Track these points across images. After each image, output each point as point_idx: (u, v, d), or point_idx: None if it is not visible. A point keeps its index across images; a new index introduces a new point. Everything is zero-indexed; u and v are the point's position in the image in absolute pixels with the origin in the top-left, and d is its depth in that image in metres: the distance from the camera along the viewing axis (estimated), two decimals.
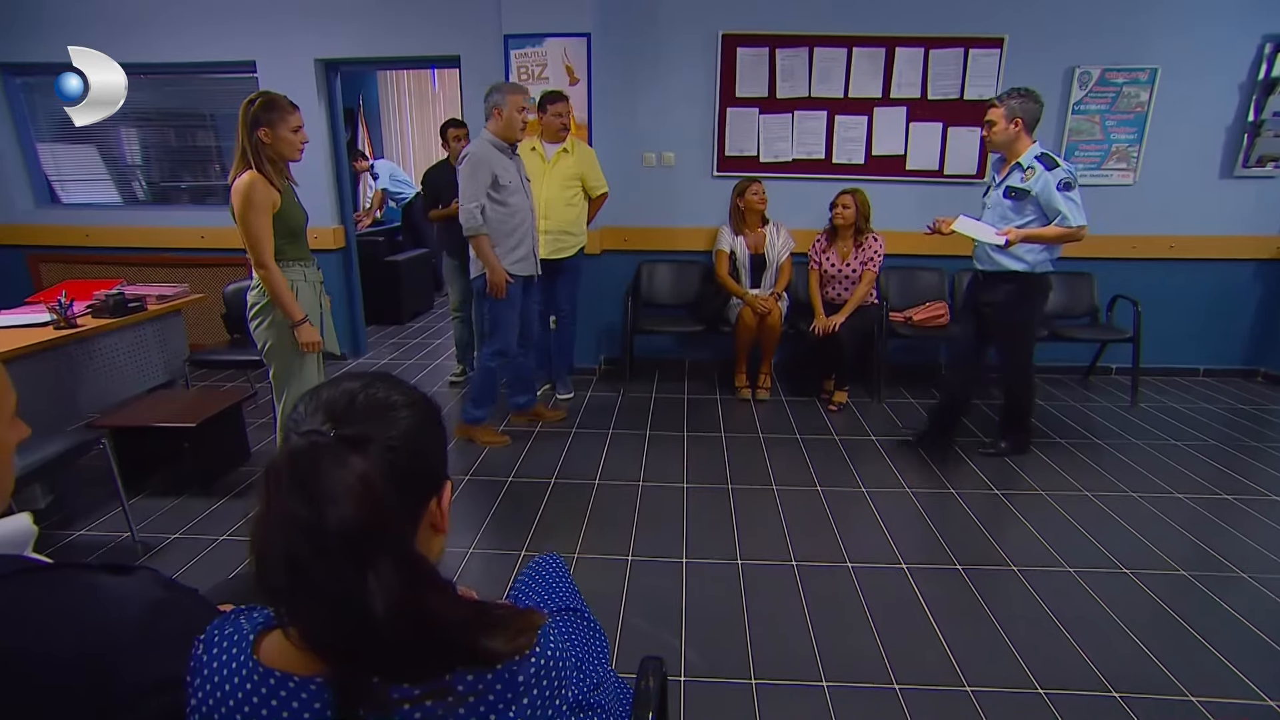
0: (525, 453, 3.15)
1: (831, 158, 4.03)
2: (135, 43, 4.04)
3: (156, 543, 2.39)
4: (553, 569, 1.20)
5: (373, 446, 0.61)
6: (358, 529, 0.57)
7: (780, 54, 3.88)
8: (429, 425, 0.68)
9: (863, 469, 2.97)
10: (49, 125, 4.49)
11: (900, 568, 2.24)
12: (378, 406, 0.65)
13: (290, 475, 0.58)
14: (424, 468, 0.67)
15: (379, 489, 0.59)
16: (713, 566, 2.25)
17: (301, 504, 0.56)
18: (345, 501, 0.57)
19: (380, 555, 0.58)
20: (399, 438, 0.63)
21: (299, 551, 0.56)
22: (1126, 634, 1.92)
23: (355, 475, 0.58)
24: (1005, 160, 2.81)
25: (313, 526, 0.56)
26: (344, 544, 0.56)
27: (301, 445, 0.60)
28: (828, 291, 3.83)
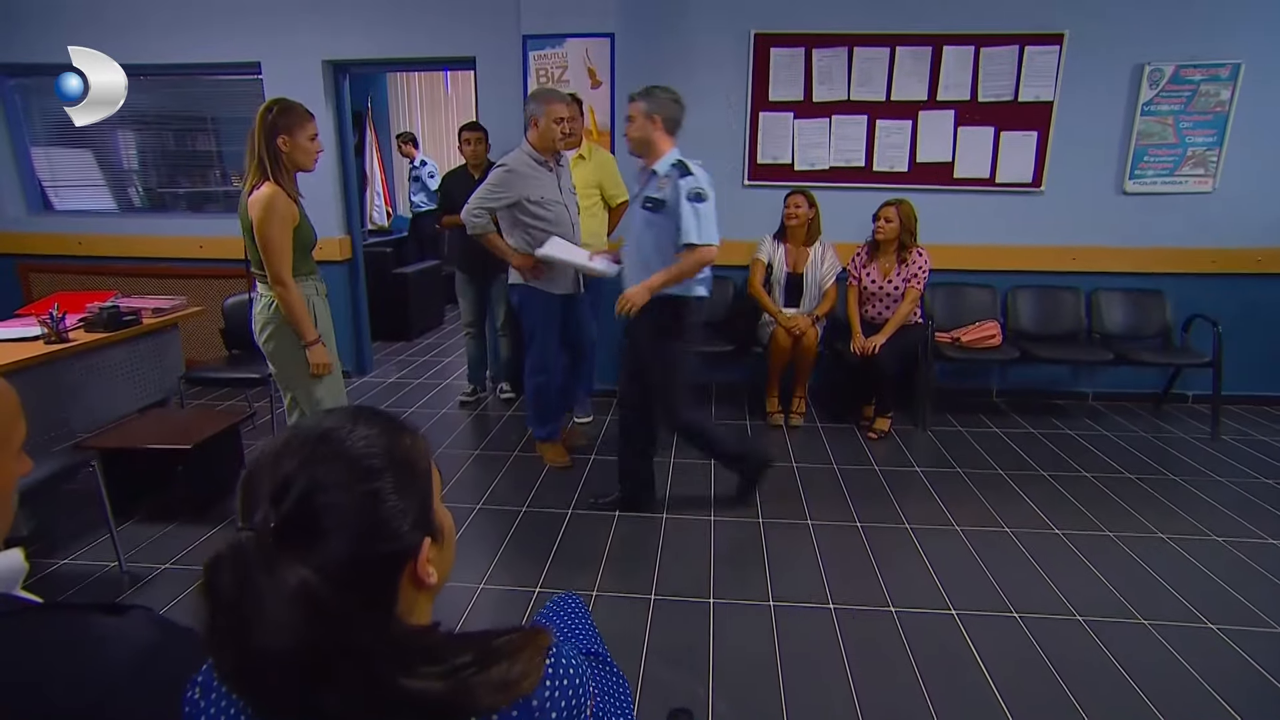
0: (540, 481, 3.16)
1: (872, 165, 4.04)
2: (133, 42, 4.18)
3: (145, 574, 2.42)
4: (571, 610, 1.20)
5: (321, 546, 0.56)
6: (300, 654, 0.54)
7: (817, 54, 3.91)
8: (402, 482, 0.63)
9: (907, 504, 2.94)
10: (44, 128, 4.65)
11: (949, 614, 2.19)
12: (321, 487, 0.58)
13: (227, 586, 0.55)
14: (391, 545, 0.61)
15: (331, 599, 0.55)
16: (742, 608, 2.23)
17: (237, 623, 0.54)
18: (283, 625, 0.53)
19: (340, 662, 0.55)
20: (350, 519, 0.58)
21: (246, 665, 0.54)
22: (1215, 699, 1.86)
23: (296, 589, 0.54)
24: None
25: (253, 650, 0.54)
26: (287, 666, 0.54)
27: (238, 547, 0.56)
28: (867, 310, 3.81)
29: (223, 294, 4.00)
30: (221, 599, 0.54)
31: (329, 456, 0.60)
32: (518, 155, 2.96)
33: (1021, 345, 3.87)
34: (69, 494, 2.62)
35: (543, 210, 2.99)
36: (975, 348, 3.81)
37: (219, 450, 2.92)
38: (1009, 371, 4.30)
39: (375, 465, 0.61)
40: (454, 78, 7.64)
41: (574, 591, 1.26)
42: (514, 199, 2.93)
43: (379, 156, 7.20)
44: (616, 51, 3.74)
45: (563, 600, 1.22)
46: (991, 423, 3.90)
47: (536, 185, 2.96)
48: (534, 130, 2.93)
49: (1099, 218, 4.01)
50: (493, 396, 4.32)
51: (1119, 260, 4.05)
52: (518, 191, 2.93)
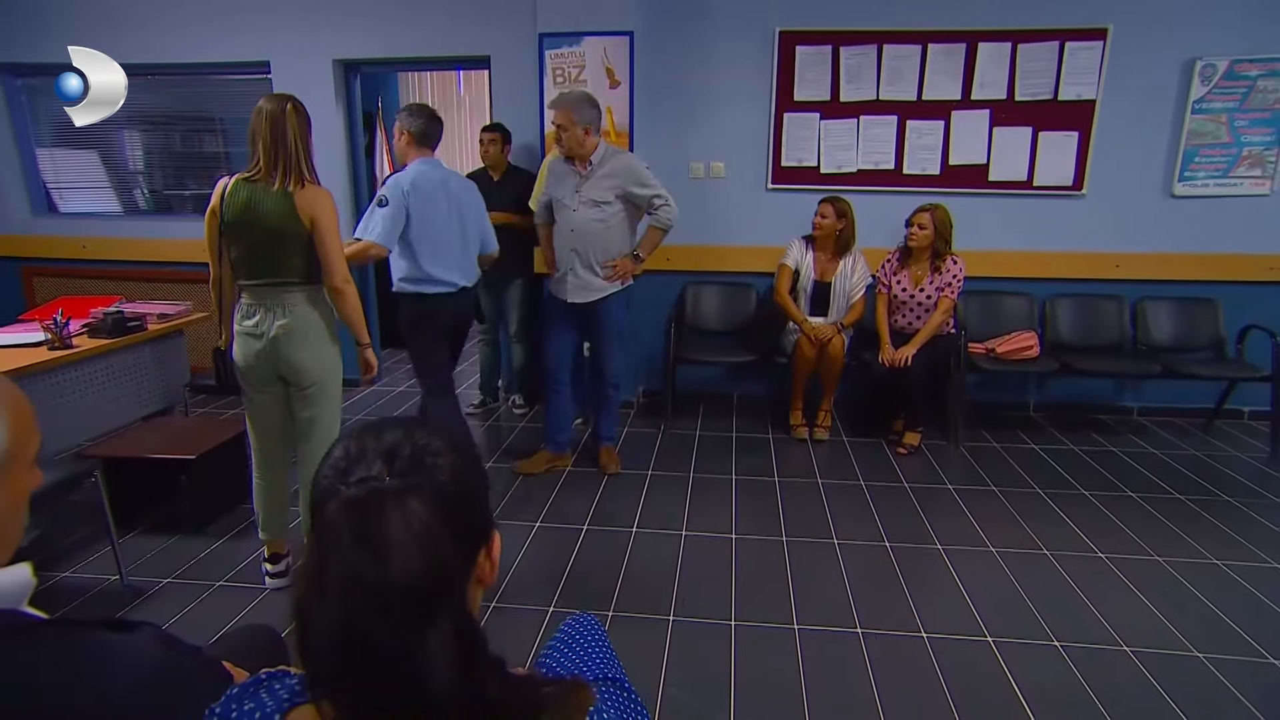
0: (554, 496, 3.16)
1: (902, 168, 4.03)
2: (140, 41, 4.29)
3: (147, 587, 2.45)
4: (589, 631, 1.19)
5: (430, 493, 0.62)
6: (425, 584, 0.58)
7: (845, 52, 3.91)
8: (474, 472, 0.70)
9: (938, 523, 2.91)
10: (50, 129, 4.76)
11: (985, 641, 2.17)
12: (425, 452, 0.66)
13: (351, 527, 0.59)
14: (476, 516, 0.68)
15: (442, 539, 0.61)
16: (765, 631, 2.22)
17: (366, 558, 0.58)
18: (413, 553, 0.58)
19: (443, 617, 0.59)
20: (450, 484, 0.65)
21: (358, 612, 0.57)
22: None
23: (420, 523, 0.60)
24: None
25: (377, 583, 0.57)
26: (410, 601, 0.57)
27: (360, 494, 0.61)
28: (897, 319, 3.79)
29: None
30: (355, 535, 0.59)
31: (427, 431, 0.69)
32: (555, 158, 3.26)
33: (1061, 357, 3.83)
34: (69, 504, 2.67)
35: (555, 210, 3.23)
36: (1011, 359, 3.78)
37: (222, 461, 2.95)
38: (1047, 384, 4.25)
39: (460, 445, 0.70)
40: (467, 78, 7.72)
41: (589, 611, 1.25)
42: (550, 196, 3.26)
43: (389, 159, 7.27)
44: (636, 50, 3.76)
45: (579, 620, 1.22)
46: (1028, 438, 3.85)
47: (558, 185, 3.19)
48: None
49: (1145, 222, 3.97)
50: (505, 408, 4.33)
51: (1167, 267, 3.99)
52: (549, 188, 3.26)
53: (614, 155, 3.14)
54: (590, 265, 3.16)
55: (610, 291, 3.21)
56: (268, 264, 2.22)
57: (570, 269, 3.18)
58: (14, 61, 4.50)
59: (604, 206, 3.10)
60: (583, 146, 3.05)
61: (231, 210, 2.18)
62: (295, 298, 2.26)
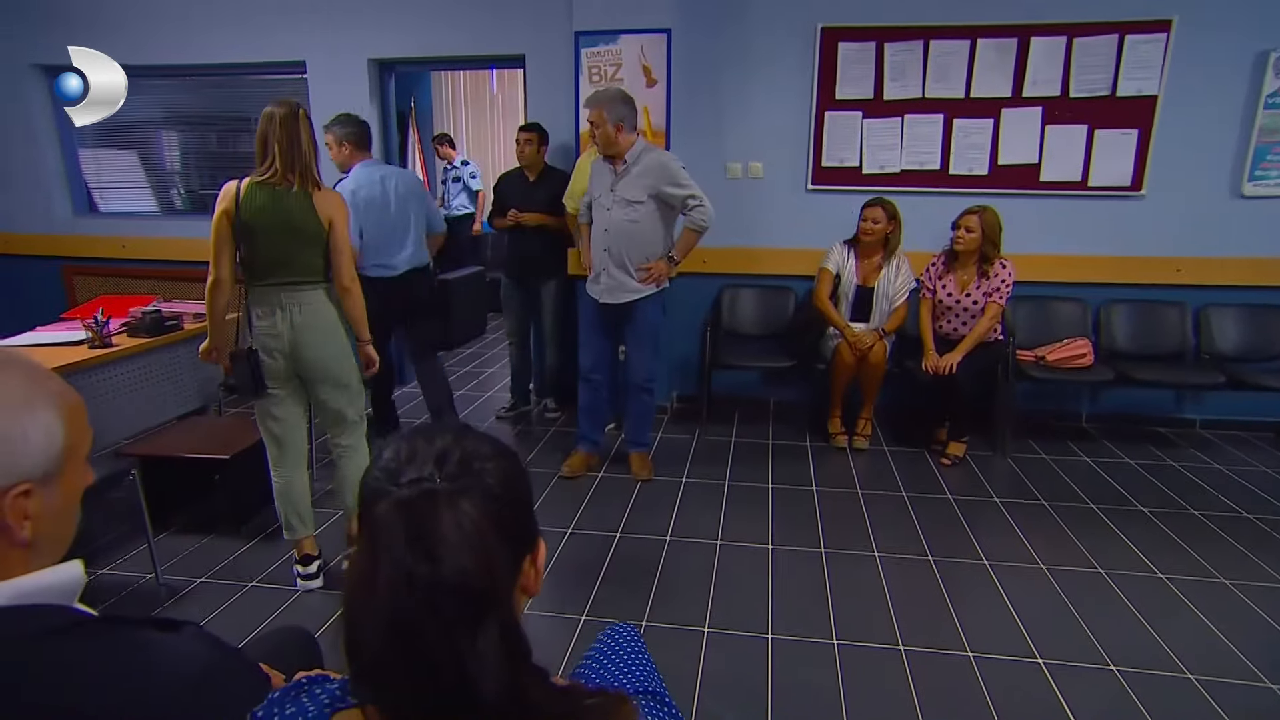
0: (586, 502, 3.18)
1: (948, 168, 3.97)
2: (179, 42, 4.44)
3: (182, 586, 2.52)
4: (628, 642, 1.19)
5: (479, 497, 0.64)
6: (475, 585, 0.60)
7: (889, 48, 3.88)
8: (521, 478, 0.71)
9: (984, 537, 2.86)
10: (92, 130, 4.91)
11: (1035, 663, 2.12)
12: (474, 457, 0.68)
13: (404, 527, 0.61)
14: (523, 522, 0.70)
15: (491, 542, 0.62)
16: (803, 646, 2.20)
17: (418, 558, 0.59)
18: (464, 553, 0.60)
19: (491, 620, 0.60)
20: (497, 488, 0.66)
21: (408, 611, 0.58)
22: None
23: (472, 523, 0.61)
24: None
25: (429, 582, 0.58)
26: (460, 602, 0.59)
27: (412, 495, 0.63)
28: (941, 325, 3.74)
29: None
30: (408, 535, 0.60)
31: (476, 437, 0.71)
32: (595, 153, 3.31)
33: (1116, 365, 3.74)
34: (106, 502, 2.75)
35: (594, 211, 3.27)
36: (1063, 367, 3.70)
37: (255, 462, 3.00)
38: (1101, 394, 4.15)
39: (506, 450, 0.72)
40: (500, 77, 7.81)
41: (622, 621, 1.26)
42: (590, 194, 3.33)
43: (421, 158, 7.39)
44: (673, 48, 3.77)
45: (619, 631, 1.22)
46: (1081, 450, 3.77)
47: (595, 184, 3.26)
48: None
49: (1210, 224, 3.85)
50: (536, 411, 4.36)
51: (1234, 272, 3.87)
52: (590, 187, 3.33)
53: (648, 154, 3.15)
54: (624, 265, 3.17)
55: (645, 294, 3.22)
56: (288, 264, 2.31)
57: (604, 269, 3.20)
58: (60, 64, 4.65)
59: (637, 206, 3.11)
60: (615, 144, 3.06)
61: (250, 212, 2.24)
62: (312, 295, 2.36)
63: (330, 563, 2.63)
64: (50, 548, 0.76)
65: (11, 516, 0.69)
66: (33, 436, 0.70)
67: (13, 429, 0.69)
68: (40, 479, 0.71)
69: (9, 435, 0.68)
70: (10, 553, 0.70)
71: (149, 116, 4.95)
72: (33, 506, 0.70)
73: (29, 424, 0.70)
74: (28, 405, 0.71)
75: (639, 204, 3.11)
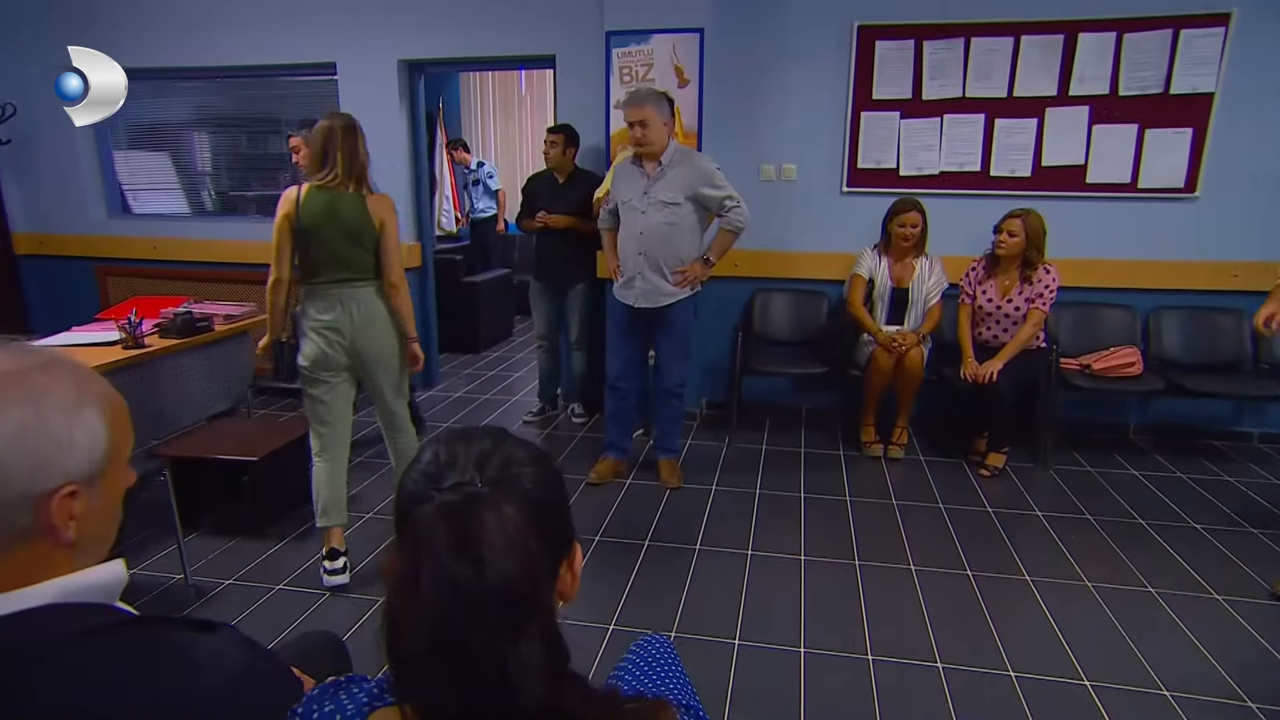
0: (615, 508, 3.18)
1: (989, 169, 3.92)
2: (210, 44, 4.53)
3: (210, 588, 2.57)
4: (660, 654, 1.19)
5: (520, 500, 0.65)
6: (519, 589, 0.60)
7: (929, 47, 3.84)
8: (557, 482, 0.73)
9: (1026, 552, 2.81)
10: (126, 132, 5.06)
11: (1081, 684, 2.07)
12: (512, 461, 0.69)
13: (447, 531, 0.61)
14: (561, 526, 0.71)
15: (533, 544, 0.63)
16: (837, 661, 2.18)
17: (462, 562, 0.60)
18: (508, 558, 0.61)
19: (533, 625, 0.60)
20: (535, 492, 0.67)
21: (451, 616, 0.59)
22: None
23: (515, 527, 0.62)
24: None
25: (472, 586, 0.59)
26: (504, 606, 0.60)
27: (456, 499, 0.64)
28: (981, 332, 3.68)
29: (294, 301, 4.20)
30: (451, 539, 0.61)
31: (513, 442, 0.72)
32: (622, 159, 3.34)
33: (1167, 375, 3.65)
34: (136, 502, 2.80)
35: (623, 214, 3.25)
36: (1109, 376, 3.62)
37: (284, 464, 3.07)
38: (1150, 405, 4.05)
39: (543, 454, 0.73)
40: (529, 77, 7.87)
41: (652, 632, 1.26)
42: (614, 199, 3.31)
43: (449, 160, 7.47)
44: (706, 48, 3.77)
45: (652, 641, 1.22)
46: (1128, 463, 3.68)
47: (624, 187, 3.23)
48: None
49: (1272, 226, 3.74)
50: (564, 416, 4.38)
51: None
52: (615, 193, 3.30)
53: (685, 155, 3.17)
54: (659, 269, 3.17)
55: (680, 297, 3.22)
56: (345, 262, 2.49)
57: (639, 273, 3.20)
58: None
59: (674, 208, 3.11)
60: (663, 143, 3.08)
61: (309, 214, 2.43)
62: (367, 292, 2.54)
63: (358, 566, 2.67)
64: (93, 548, 0.77)
65: (58, 517, 0.70)
66: (79, 438, 0.72)
67: (60, 430, 0.70)
68: (85, 480, 0.73)
69: (57, 436, 0.70)
70: (56, 553, 0.72)
71: (181, 118, 5.07)
72: (78, 507, 0.72)
73: (76, 425, 0.72)
74: (75, 406, 0.72)
75: (676, 206, 3.11)
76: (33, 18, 4.68)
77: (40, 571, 0.70)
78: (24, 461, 0.68)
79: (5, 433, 0.67)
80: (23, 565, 0.70)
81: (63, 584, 0.71)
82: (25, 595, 0.68)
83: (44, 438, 0.69)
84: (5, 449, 0.67)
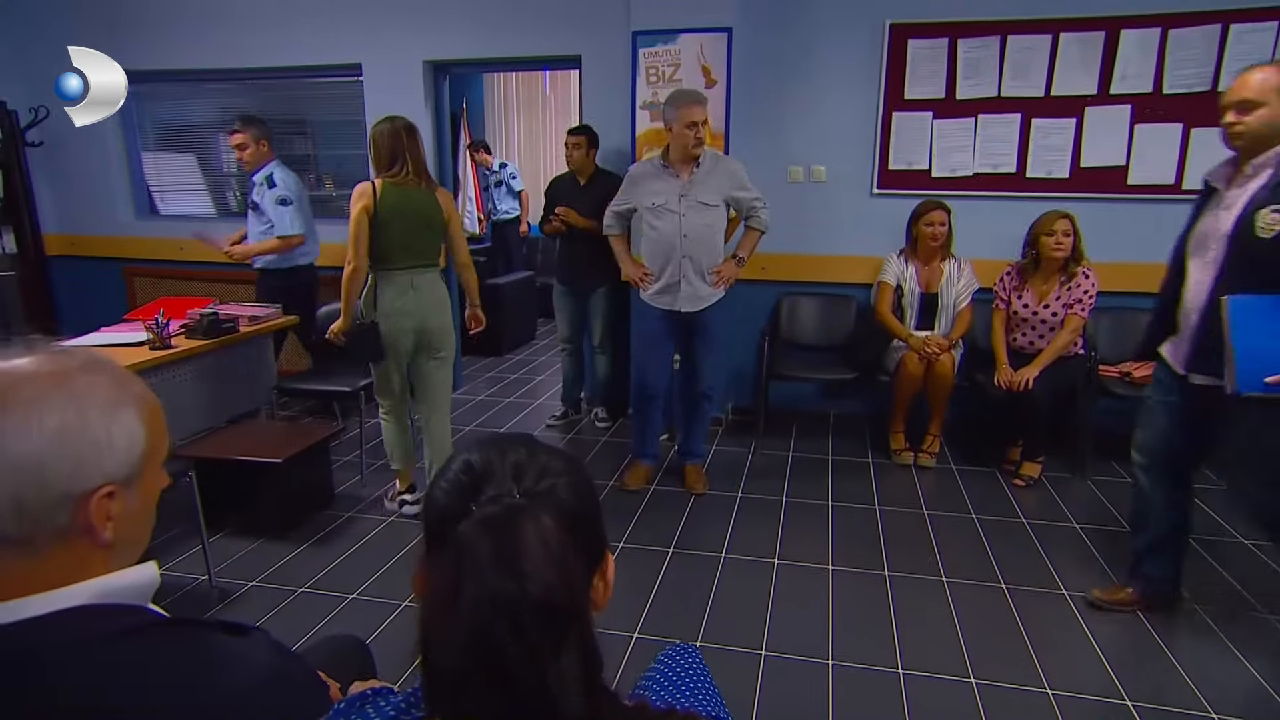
0: (638, 516, 3.18)
1: (1025, 171, 3.87)
2: (238, 46, 4.61)
3: (233, 589, 2.60)
4: (689, 664, 1.19)
5: (557, 511, 0.65)
6: (561, 601, 0.60)
7: (963, 45, 3.80)
8: (590, 491, 0.72)
9: (1063, 566, 2.76)
10: (154, 133, 5.16)
11: (1123, 704, 2.04)
12: (547, 471, 0.69)
13: (490, 544, 0.61)
14: (595, 535, 0.70)
15: (571, 556, 0.63)
16: (866, 674, 2.16)
17: (504, 576, 0.60)
18: (550, 570, 0.61)
19: (573, 637, 0.60)
20: (570, 501, 0.67)
21: (493, 630, 0.58)
22: None
23: (555, 539, 0.62)
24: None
25: (516, 601, 0.59)
26: (546, 619, 0.59)
27: (497, 511, 0.63)
28: (1015, 338, 3.64)
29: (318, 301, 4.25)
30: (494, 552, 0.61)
31: (546, 449, 0.72)
32: (644, 160, 3.30)
33: None
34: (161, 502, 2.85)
35: (654, 218, 3.17)
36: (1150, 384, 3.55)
37: (307, 466, 3.10)
38: None
39: (576, 462, 0.73)
40: (553, 77, 7.91)
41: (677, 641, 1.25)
42: (633, 205, 3.24)
43: (472, 161, 7.53)
44: (734, 47, 3.76)
45: (680, 651, 1.21)
46: None
47: (654, 192, 3.15)
48: (668, 138, 3.13)
49: None
50: (587, 420, 4.39)
51: None
52: (636, 198, 3.21)
53: (716, 157, 3.19)
54: (701, 272, 3.18)
55: (718, 298, 3.24)
56: (417, 250, 2.90)
57: (681, 277, 3.17)
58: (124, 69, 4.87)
59: (712, 209, 3.14)
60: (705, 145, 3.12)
61: (386, 207, 2.80)
62: (433, 275, 2.98)
63: (378, 571, 2.69)
64: (128, 550, 0.79)
65: (95, 517, 0.72)
66: (118, 439, 0.73)
67: (100, 431, 0.72)
68: (123, 481, 0.74)
69: (96, 437, 0.72)
70: (93, 553, 0.73)
71: (207, 120, 5.16)
72: (115, 508, 0.74)
73: (115, 426, 0.73)
74: (114, 407, 0.74)
75: (714, 208, 3.14)
76: (61, 21, 4.78)
77: (77, 572, 0.72)
78: (65, 462, 0.69)
79: (47, 433, 0.69)
80: (60, 565, 0.71)
81: (98, 585, 0.72)
82: (62, 595, 0.70)
83: (84, 438, 0.71)
84: (47, 449, 0.68)
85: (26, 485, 0.68)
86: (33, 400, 0.69)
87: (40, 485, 0.68)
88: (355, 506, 3.25)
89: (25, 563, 0.70)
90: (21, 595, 0.68)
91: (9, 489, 0.67)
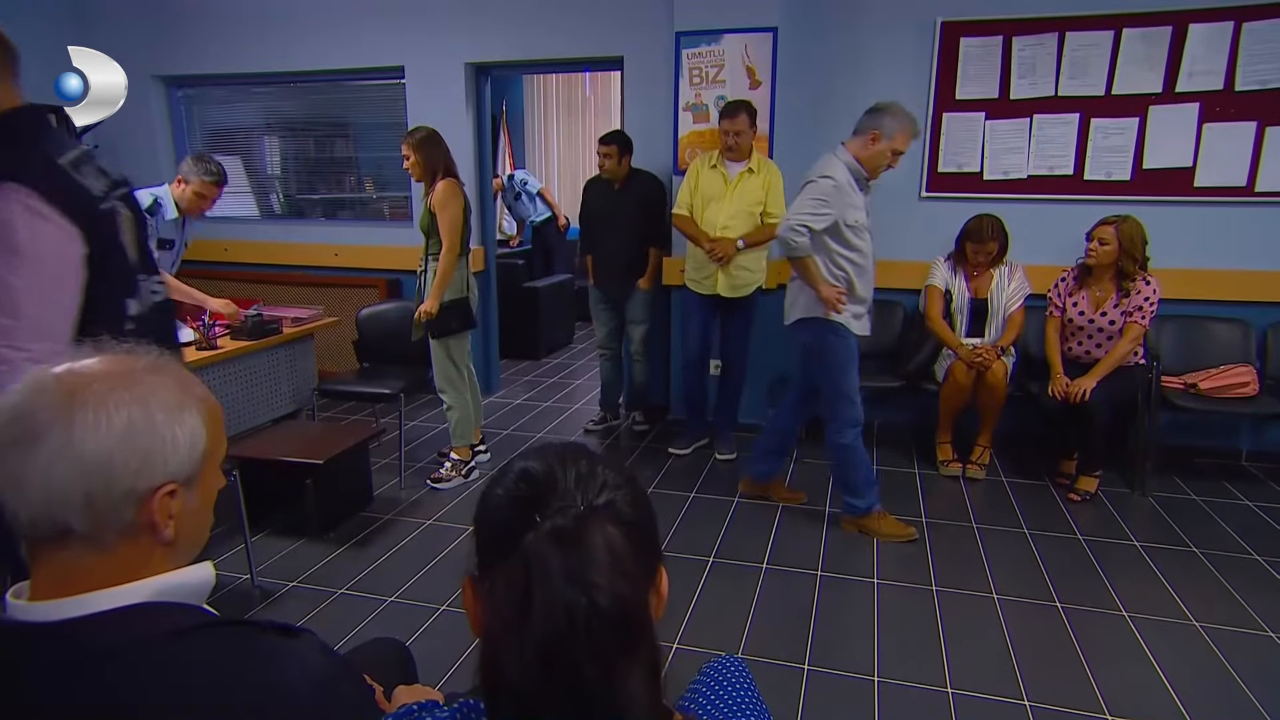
0: (677, 524, 3.17)
1: (1083, 173, 3.79)
2: (283, 50, 4.73)
3: (274, 589, 2.66)
4: (735, 677, 1.18)
5: (619, 522, 0.65)
6: (632, 614, 0.61)
7: (1018, 43, 3.74)
8: (647, 502, 0.72)
9: (1123, 585, 2.69)
10: (203, 136, 5.32)
11: None
12: (607, 483, 0.69)
13: (562, 557, 0.61)
14: (653, 546, 0.70)
15: (636, 566, 0.63)
16: (914, 692, 2.12)
17: (578, 589, 0.60)
18: (621, 582, 0.61)
19: (643, 648, 0.61)
20: (630, 512, 0.67)
21: (566, 645, 0.59)
22: None
23: (624, 551, 0.62)
24: None
25: (589, 613, 0.59)
26: (618, 632, 0.59)
27: (567, 524, 0.63)
28: (1071, 346, 3.56)
29: (357, 304, 4.34)
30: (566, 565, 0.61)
31: (603, 460, 0.72)
32: (841, 167, 2.82)
33: None
34: None
35: (856, 238, 2.86)
36: (1219, 397, 3.44)
37: (347, 467, 3.16)
38: (1266, 429, 3.83)
39: (632, 474, 0.73)
40: (594, 78, 7.96)
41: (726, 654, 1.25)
42: (836, 218, 2.80)
43: (511, 162, 7.61)
44: (779, 48, 3.75)
45: (726, 664, 1.21)
46: (1240, 492, 3.49)
47: (855, 207, 2.84)
48: (869, 145, 2.81)
49: None
50: (625, 425, 4.40)
51: None
52: (839, 211, 2.80)
53: None
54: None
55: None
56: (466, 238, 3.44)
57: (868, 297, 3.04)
58: (175, 74, 5.04)
59: None
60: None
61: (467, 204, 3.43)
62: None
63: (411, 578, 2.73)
64: (188, 548, 0.82)
65: (158, 515, 0.75)
66: (181, 438, 0.76)
67: (165, 430, 0.75)
68: (184, 480, 0.77)
69: (162, 436, 0.75)
70: (154, 550, 0.76)
71: (252, 123, 5.30)
72: (176, 506, 0.77)
73: (179, 426, 0.76)
74: (179, 408, 0.77)
75: None
76: (112, 25, 4.93)
77: (140, 569, 0.75)
78: (131, 459, 0.72)
79: (115, 431, 0.72)
80: (125, 561, 0.74)
81: (158, 583, 0.75)
82: (125, 592, 0.73)
83: (150, 437, 0.74)
84: (115, 446, 0.71)
85: (95, 481, 0.71)
86: (102, 399, 0.72)
87: (108, 481, 0.71)
88: (394, 509, 3.29)
89: (93, 558, 0.73)
90: (89, 590, 0.72)
91: (79, 484, 0.70)
